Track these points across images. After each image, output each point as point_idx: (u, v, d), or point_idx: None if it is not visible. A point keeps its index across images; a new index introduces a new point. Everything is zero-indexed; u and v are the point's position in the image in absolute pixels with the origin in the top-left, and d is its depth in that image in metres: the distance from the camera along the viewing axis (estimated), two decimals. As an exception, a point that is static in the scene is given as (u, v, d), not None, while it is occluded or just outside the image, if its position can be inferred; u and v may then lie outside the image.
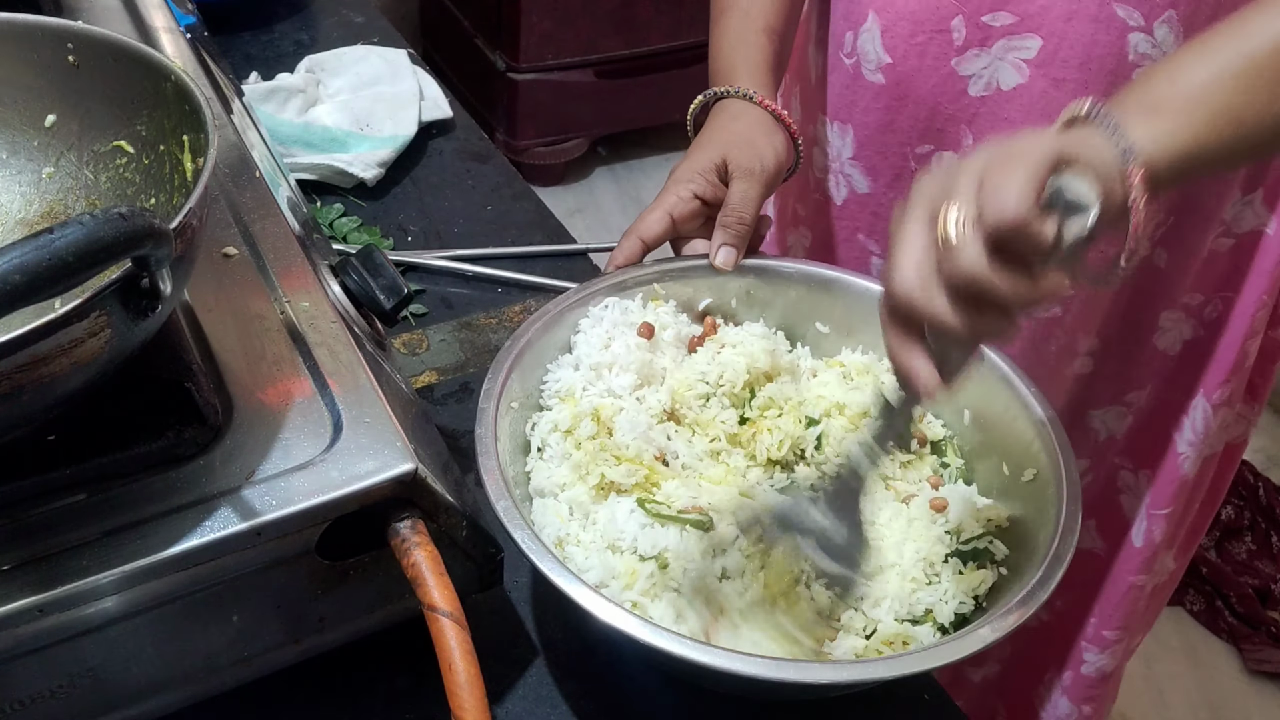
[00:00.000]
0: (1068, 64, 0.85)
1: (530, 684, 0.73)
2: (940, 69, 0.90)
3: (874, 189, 0.99)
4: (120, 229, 0.45)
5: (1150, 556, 1.08)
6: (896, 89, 0.93)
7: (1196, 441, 1.01)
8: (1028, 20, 0.85)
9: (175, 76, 0.62)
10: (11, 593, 0.53)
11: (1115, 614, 1.11)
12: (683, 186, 0.84)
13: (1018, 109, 0.88)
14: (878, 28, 0.92)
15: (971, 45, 0.88)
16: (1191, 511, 1.10)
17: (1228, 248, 0.94)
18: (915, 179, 0.95)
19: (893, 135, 0.95)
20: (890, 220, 0.96)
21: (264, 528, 0.57)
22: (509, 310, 1.03)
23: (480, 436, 0.69)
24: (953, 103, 0.91)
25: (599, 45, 2.78)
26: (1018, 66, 0.87)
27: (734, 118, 0.88)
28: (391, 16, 1.97)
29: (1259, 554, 2.11)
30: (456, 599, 0.58)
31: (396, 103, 1.23)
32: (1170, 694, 1.92)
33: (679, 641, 0.60)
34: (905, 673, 0.61)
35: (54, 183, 0.69)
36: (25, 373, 0.48)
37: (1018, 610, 0.62)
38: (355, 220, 1.11)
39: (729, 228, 0.83)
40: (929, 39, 0.89)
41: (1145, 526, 1.06)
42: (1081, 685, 1.16)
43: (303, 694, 0.69)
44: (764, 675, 0.59)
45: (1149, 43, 0.82)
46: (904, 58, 0.91)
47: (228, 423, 0.62)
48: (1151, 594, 1.12)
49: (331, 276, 0.73)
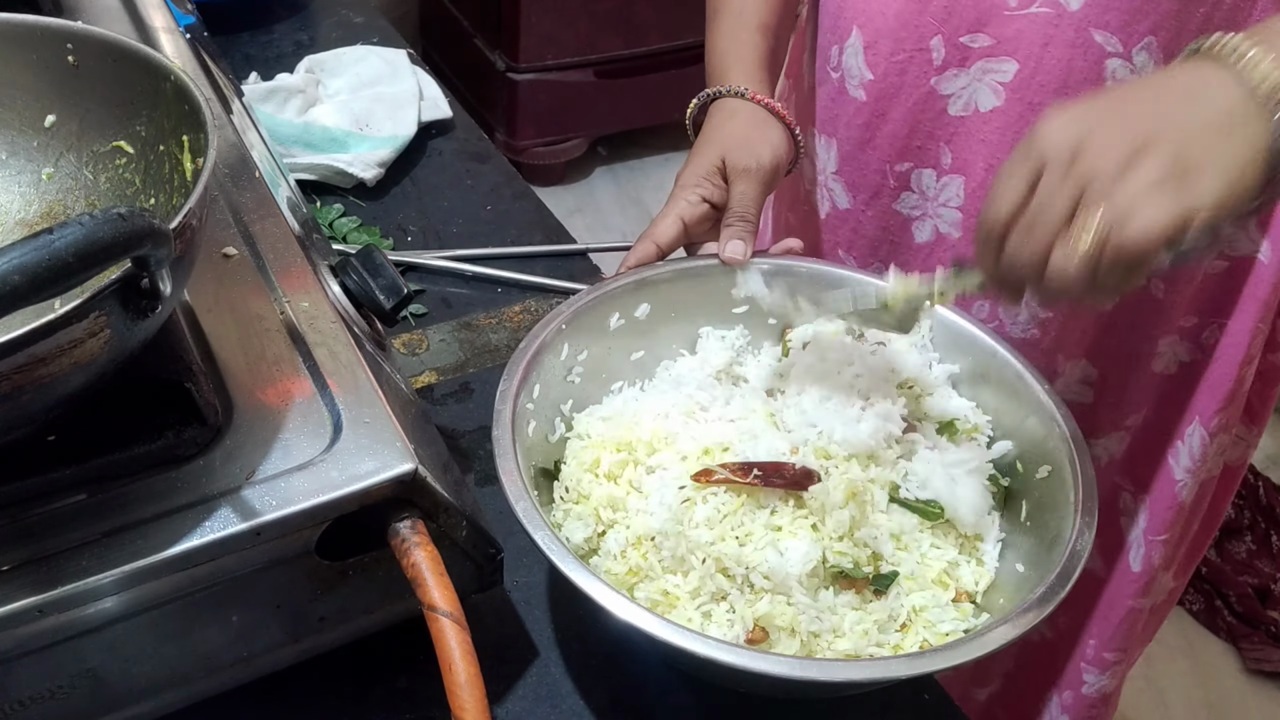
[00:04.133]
0: (1044, 89, 0.84)
1: (530, 684, 0.73)
2: (920, 87, 0.90)
3: (853, 205, 0.99)
4: (120, 229, 0.45)
5: (1149, 581, 1.07)
6: (877, 105, 0.93)
7: (1193, 468, 1.00)
8: (1004, 44, 0.85)
9: (175, 77, 0.62)
10: (11, 593, 0.53)
11: (1115, 636, 1.11)
12: (690, 191, 0.85)
13: (994, 130, 0.88)
14: (860, 44, 0.92)
15: (950, 65, 0.88)
16: (1190, 533, 1.09)
17: (1222, 269, 0.93)
18: (895, 197, 0.95)
19: (873, 151, 0.95)
20: (869, 235, 0.97)
21: (264, 528, 0.57)
22: (509, 310, 1.03)
23: (498, 439, 0.69)
24: (932, 121, 0.91)
25: (599, 45, 2.77)
26: (994, 89, 0.87)
27: (729, 117, 0.88)
28: (391, 16, 1.97)
29: (1259, 553, 2.11)
30: (456, 599, 0.58)
31: (396, 103, 1.23)
32: (1170, 694, 1.92)
33: (702, 641, 0.60)
34: (926, 671, 0.61)
35: (54, 183, 0.69)
36: (25, 373, 0.48)
37: (1035, 609, 0.62)
38: (355, 220, 1.11)
39: (732, 226, 0.84)
40: (909, 57, 0.89)
41: (1144, 552, 1.05)
42: (1083, 705, 1.16)
43: (303, 694, 0.69)
44: (791, 675, 0.59)
45: (1127, 69, 0.82)
46: (885, 75, 0.91)
47: (228, 423, 0.62)
48: (1150, 613, 1.12)
49: (331, 276, 0.73)
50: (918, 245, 0.97)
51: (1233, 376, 0.96)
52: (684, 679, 0.73)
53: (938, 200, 0.94)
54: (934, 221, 0.95)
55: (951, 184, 0.92)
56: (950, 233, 0.94)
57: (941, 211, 0.94)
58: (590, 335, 0.80)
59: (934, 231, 0.95)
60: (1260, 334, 0.95)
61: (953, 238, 0.94)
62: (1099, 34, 0.81)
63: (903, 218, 0.97)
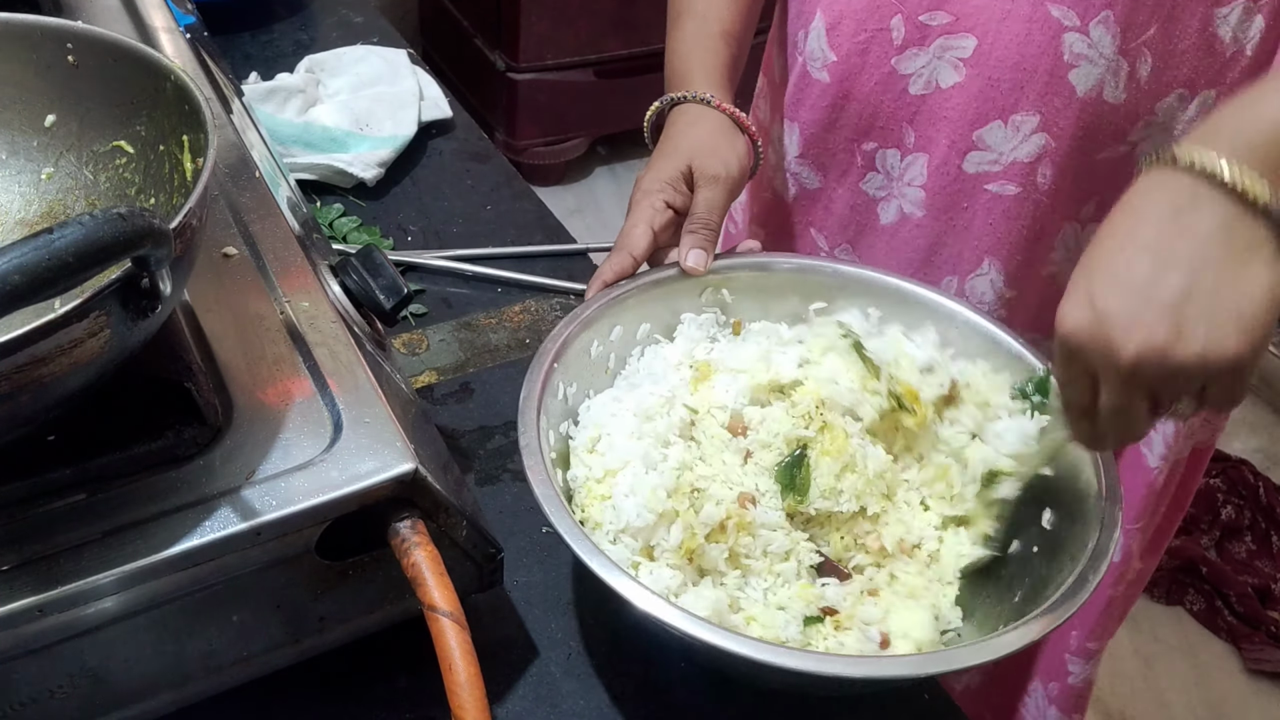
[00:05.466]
0: (1002, 64, 0.85)
1: (530, 684, 0.73)
2: (881, 67, 0.90)
3: (824, 183, 1.00)
4: (120, 229, 0.45)
5: (1127, 569, 1.10)
6: (840, 86, 0.93)
7: (1166, 453, 1.02)
8: (963, 20, 0.86)
9: (175, 76, 0.62)
10: (11, 593, 0.53)
11: (1097, 625, 1.13)
12: (655, 197, 0.84)
13: (955, 107, 0.89)
14: (823, 26, 0.92)
15: (911, 44, 0.88)
16: (1157, 517, 1.10)
17: None
18: (862, 176, 0.95)
19: (837, 133, 0.96)
20: (838, 214, 0.97)
21: (264, 528, 0.57)
22: (509, 310, 1.03)
23: (526, 447, 0.69)
24: (894, 101, 0.91)
25: (599, 45, 2.77)
26: (955, 65, 0.87)
27: (692, 123, 0.88)
28: (391, 16, 1.97)
29: (1259, 553, 2.11)
30: (456, 599, 0.58)
31: (396, 103, 1.23)
32: (1170, 694, 1.92)
33: (723, 634, 0.60)
34: (941, 670, 0.61)
35: (54, 183, 0.69)
36: (25, 373, 0.48)
37: (1048, 616, 0.62)
38: (355, 220, 1.11)
39: (696, 233, 0.83)
40: (870, 37, 0.90)
41: (1122, 541, 1.06)
42: (1070, 695, 1.17)
43: (303, 694, 0.69)
44: (812, 670, 0.60)
45: (1085, 43, 0.83)
46: (847, 56, 0.92)
47: (228, 423, 0.62)
48: (1124, 596, 1.14)
49: (331, 276, 0.73)
50: (883, 227, 0.98)
51: None
52: (684, 678, 0.74)
53: (902, 180, 0.95)
54: (899, 201, 0.96)
55: (915, 162, 0.93)
56: (914, 212, 0.95)
57: (906, 191, 0.95)
58: (579, 366, 0.79)
59: (898, 212, 0.96)
60: None
61: (916, 217, 0.95)
62: (1056, 8, 0.82)
63: (869, 198, 0.98)
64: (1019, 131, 0.87)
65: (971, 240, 0.94)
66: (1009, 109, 0.87)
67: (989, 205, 0.92)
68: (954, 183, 0.92)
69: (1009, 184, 0.90)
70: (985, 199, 0.91)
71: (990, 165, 0.90)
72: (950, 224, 0.94)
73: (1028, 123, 0.87)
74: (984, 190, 0.91)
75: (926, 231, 0.95)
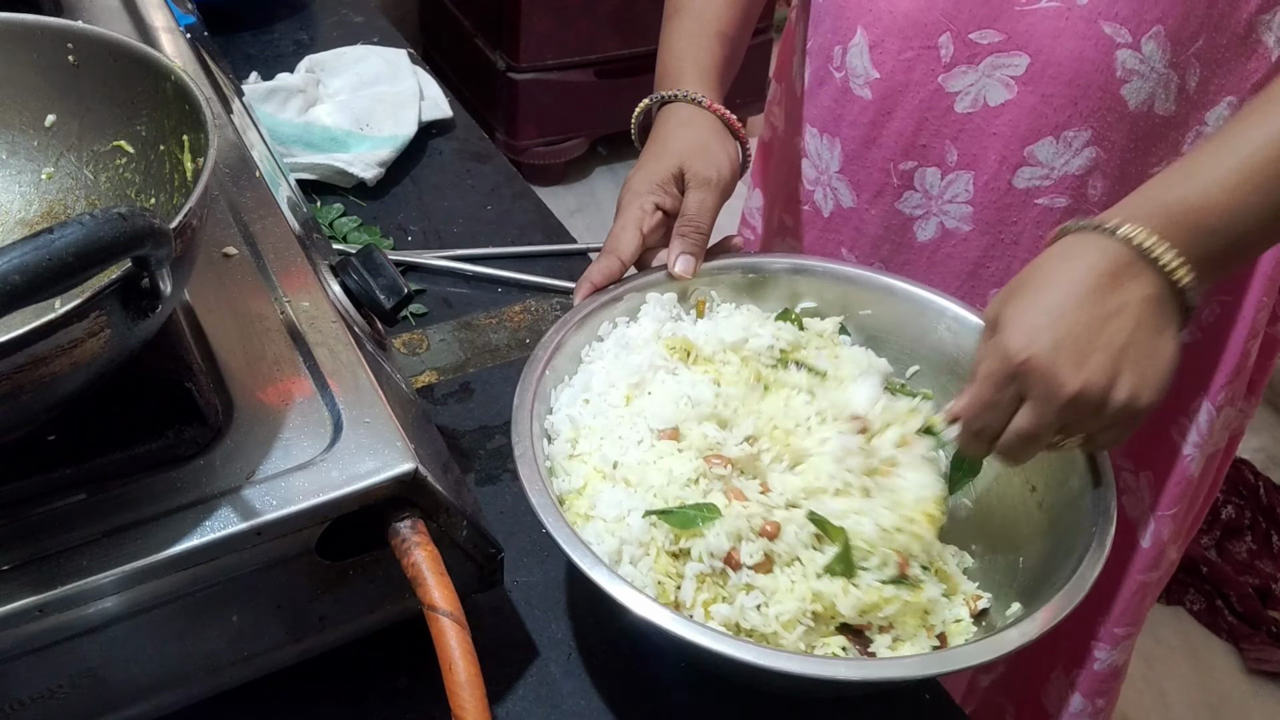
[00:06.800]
0: (1056, 80, 0.85)
1: (530, 684, 0.73)
2: (927, 85, 0.90)
3: (858, 204, 0.99)
4: (120, 229, 0.45)
5: (1159, 555, 1.09)
6: (883, 104, 0.92)
7: (1201, 443, 1.02)
8: (1015, 38, 0.85)
9: (175, 76, 0.62)
10: (11, 593, 0.53)
11: (1126, 611, 1.12)
12: (645, 199, 0.83)
13: (1005, 125, 0.88)
14: (866, 43, 0.91)
15: (959, 62, 0.88)
16: (1195, 506, 1.11)
17: None
18: (898, 196, 0.96)
19: (877, 150, 0.95)
20: (871, 234, 0.97)
21: (264, 528, 0.57)
22: (509, 310, 1.03)
23: (521, 457, 0.68)
24: (939, 119, 0.91)
25: (599, 45, 2.78)
26: (1006, 84, 0.87)
27: (684, 124, 0.87)
28: (391, 16, 1.97)
29: (1259, 553, 2.11)
30: (456, 599, 0.58)
31: (396, 102, 1.23)
32: (1170, 694, 1.92)
33: (720, 639, 0.60)
34: (942, 670, 0.61)
35: (54, 183, 0.69)
36: (25, 373, 0.48)
37: (1048, 612, 0.63)
38: (355, 220, 1.11)
39: (686, 237, 0.82)
40: (917, 55, 0.89)
41: (1154, 528, 1.06)
42: (1094, 680, 1.17)
43: (303, 694, 0.69)
44: (813, 673, 0.60)
45: (1137, 59, 0.83)
46: (891, 73, 0.91)
47: (228, 423, 0.62)
48: (1156, 583, 1.14)
49: (331, 276, 0.73)
50: (920, 244, 0.97)
51: (1239, 352, 0.97)
52: (684, 679, 0.73)
53: (943, 198, 0.94)
54: (939, 219, 0.95)
55: (958, 180, 0.92)
56: (959, 227, 0.94)
57: (948, 208, 0.94)
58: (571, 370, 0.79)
59: (939, 229, 0.95)
60: (1265, 308, 0.96)
61: (962, 232, 0.95)
62: (1108, 25, 0.82)
63: (905, 217, 0.97)
64: (1070, 146, 0.87)
65: (1021, 253, 0.93)
66: (1061, 125, 0.86)
67: (1039, 219, 0.91)
68: (1003, 198, 0.91)
69: (1060, 197, 0.90)
70: (1035, 212, 0.91)
71: (1041, 180, 0.89)
72: (998, 238, 0.93)
73: (1079, 137, 0.87)
74: (1034, 204, 0.91)
75: (973, 246, 0.94)
